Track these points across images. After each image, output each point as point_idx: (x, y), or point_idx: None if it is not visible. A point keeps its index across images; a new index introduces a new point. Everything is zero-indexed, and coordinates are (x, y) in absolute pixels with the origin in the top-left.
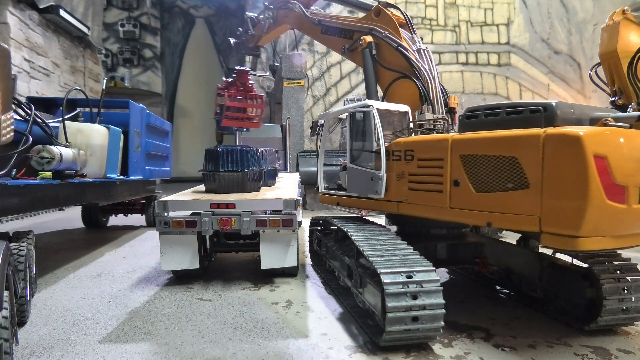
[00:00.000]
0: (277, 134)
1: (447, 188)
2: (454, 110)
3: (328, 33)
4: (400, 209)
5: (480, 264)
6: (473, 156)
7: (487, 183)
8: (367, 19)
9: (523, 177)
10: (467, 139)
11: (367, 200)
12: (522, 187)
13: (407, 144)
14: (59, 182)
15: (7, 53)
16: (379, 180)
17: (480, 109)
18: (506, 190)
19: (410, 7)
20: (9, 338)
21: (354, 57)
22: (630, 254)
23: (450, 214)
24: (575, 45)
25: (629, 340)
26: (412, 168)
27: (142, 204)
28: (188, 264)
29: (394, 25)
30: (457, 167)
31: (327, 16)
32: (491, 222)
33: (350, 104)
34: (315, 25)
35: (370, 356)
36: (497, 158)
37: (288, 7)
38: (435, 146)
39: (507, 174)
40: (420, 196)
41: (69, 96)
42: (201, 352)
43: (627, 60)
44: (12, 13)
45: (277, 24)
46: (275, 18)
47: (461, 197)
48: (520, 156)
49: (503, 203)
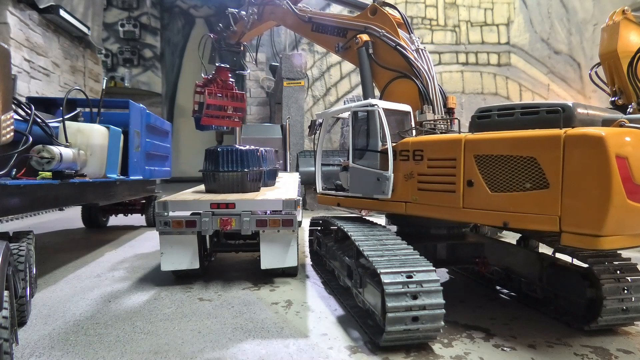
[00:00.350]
0: (277, 134)
1: (460, 188)
2: (452, 111)
3: (319, 31)
4: (408, 210)
5: (480, 264)
6: (488, 156)
7: (503, 183)
8: (363, 17)
9: (542, 177)
10: (482, 139)
11: (372, 201)
12: (541, 187)
13: (416, 144)
14: (59, 182)
15: (7, 53)
16: (385, 180)
17: (493, 109)
18: (524, 190)
19: (410, 7)
20: (9, 338)
21: (348, 56)
22: (630, 254)
23: (463, 214)
24: (575, 45)
25: (629, 340)
26: (422, 168)
27: (142, 204)
28: (188, 264)
29: (392, 24)
30: (471, 168)
31: (318, 13)
32: (508, 222)
33: (351, 104)
34: (305, 23)
35: (370, 356)
36: (515, 158)
37: (275, 3)
38: (447, 146)
39: (525, 174)
40: (430, 196)
41: (69, 96)
42: (201, 352)
43: (627, 60)
44: (12, 13)
45: (262, 21)
46: (261, 14)
47: (475, 197)
48: (539, 156)
49: (520, 203)
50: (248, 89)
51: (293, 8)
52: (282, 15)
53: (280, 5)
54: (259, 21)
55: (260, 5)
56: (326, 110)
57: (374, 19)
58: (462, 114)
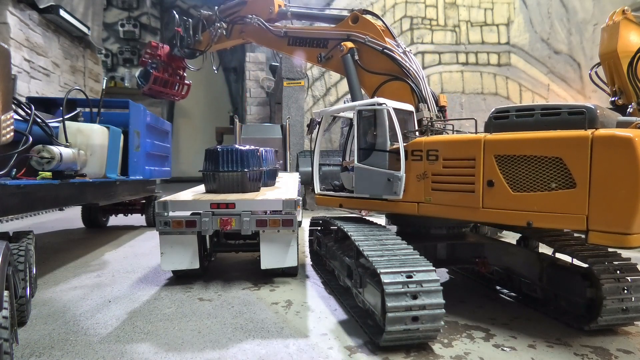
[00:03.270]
0: (277, 134)
1: (480, 188)
2: (444, 109)
3: (297, 44)
4: (421, 210)
5: (480, 264)
6: (510, 156)
7: (526, 183)
8: (344, 27)
9: (569, 177)
10: (504, 140)
11: (381, 202)
12: (568, 187)
13: (430, 143)
14: (59, 182)
15: (7, 53)
16: (398, 180)
17: (510, 110)
18: (549, 190)
19: (410, 7)
20: (9, 338)
21: (331, 65)
22: (631, 254)
23: (483, 214)
24: (575, 45)
25: (629, 340)
26: (437, 168)
27: (142, 204)
28: (188, 264)
29: (375, 29)
30: (491, 167)
31: (295, 28)
32: (532, 221)
33: (355, 102)
34: (280, 38)
35: (370, 356)
36: (539, 159)
37: (244, 22)
38: (465, 146)
39: (550, 174)
40: (446, 196)
41: (69, 96)
42: (201, 352)
43: (627, 60)
44: (12, 13)
45: (231, 38)
46: (230, 32)
47: (496, 197)
48: (566, 157)
49: (545, 203)
50: (248, 89)
51: (266, 25)
52: (254, 32)
53: (250, 23)
54: (228, 39)
55: (230, 22)
56: (325, 108)
57: (355, 27)
58: (462, 113)
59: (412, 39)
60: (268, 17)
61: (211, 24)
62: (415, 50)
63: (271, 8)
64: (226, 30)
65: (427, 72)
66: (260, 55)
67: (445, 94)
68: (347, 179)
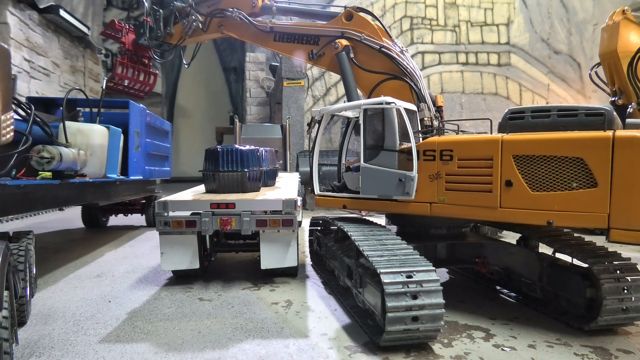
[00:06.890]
0: (277, 134)
1: (498, 188)
2: (441, 109)
3: (284, 40)
4: (434, 211)
5: (480, 264)
6: (529, 157)
7: (546, 183)
8: (337, 24)
9: (590, 177)
10: (523, 140)
11: (390, 203)
12: (589, 187)
13: (443, 143)
14: (59, 182)
15: (7, 53)
16: (410, 181)
17: (526, 111)
18: (570, 190)
19: (410, 7)
20: (9, 338)
21: (323, 62)
22: (631, 254)
23: (501, 214)
24: (575, 45)
25: (629, 340)
26: (451, 168)
27: (142, 204)
28: (188, 264)
29: (371, 27)
30: (510, 167)
31: (282, 23)
32: (552, 221)
33: (360, 101)
34: (265, 33)
35: (370, 356)
36: (560, 159)
37: (225, 15)
38: (482, 146)
39: (571, 173)
40: (461, 197)
41: (69, 96)
42: (201, 352)
43: (627, 60)
44: (12, 13)
45: (208, 32)
46: (207, 25)
47: (515, 197)
48: (587, 157)
49: (566, 202)
50: (248, 89)
51: (250, 19)
52: (235, 27)
53: (231, 17)
54: (204, 32)
55: (207, 15)
56: (326, 107)
57: (350, 24)
58: (462, 114)
59: (412, 39)
60: (250, 11)
61: (184, 17)
62: (415, 50)
63: (254, 2)
64: (203, 23)
65: (427, 72)
66: (260, 55)
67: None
68: (352, 180)
